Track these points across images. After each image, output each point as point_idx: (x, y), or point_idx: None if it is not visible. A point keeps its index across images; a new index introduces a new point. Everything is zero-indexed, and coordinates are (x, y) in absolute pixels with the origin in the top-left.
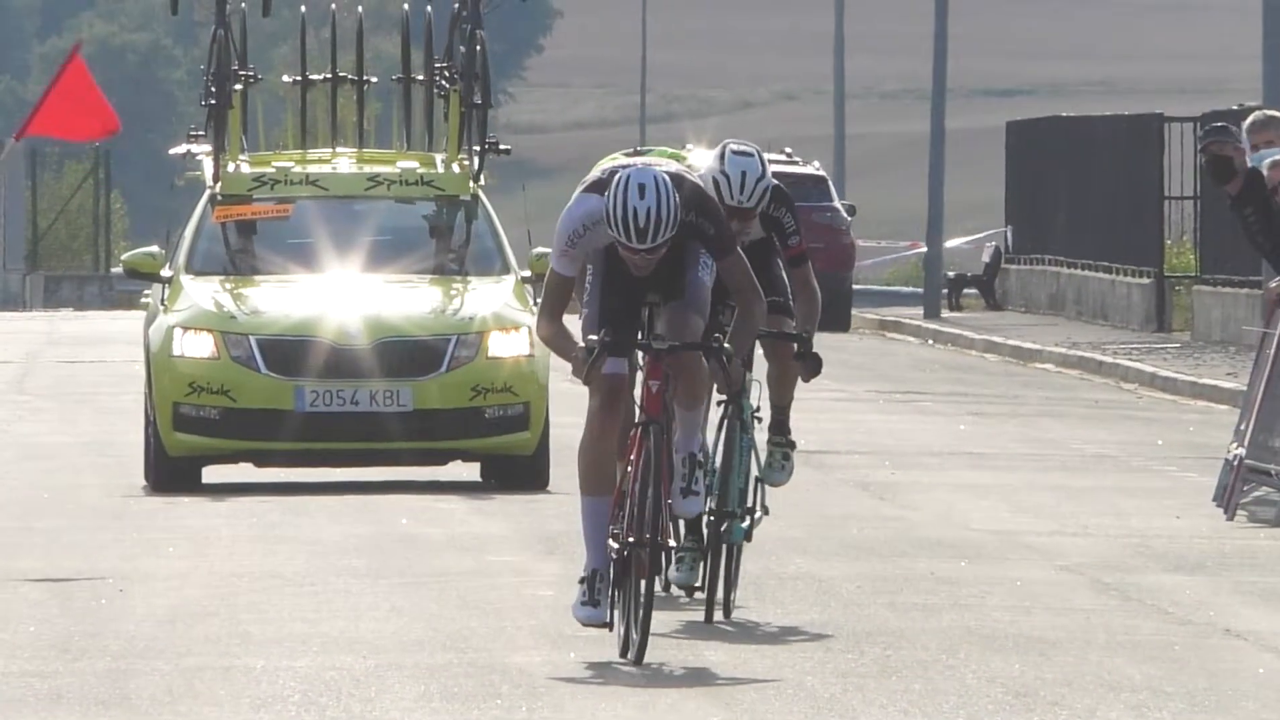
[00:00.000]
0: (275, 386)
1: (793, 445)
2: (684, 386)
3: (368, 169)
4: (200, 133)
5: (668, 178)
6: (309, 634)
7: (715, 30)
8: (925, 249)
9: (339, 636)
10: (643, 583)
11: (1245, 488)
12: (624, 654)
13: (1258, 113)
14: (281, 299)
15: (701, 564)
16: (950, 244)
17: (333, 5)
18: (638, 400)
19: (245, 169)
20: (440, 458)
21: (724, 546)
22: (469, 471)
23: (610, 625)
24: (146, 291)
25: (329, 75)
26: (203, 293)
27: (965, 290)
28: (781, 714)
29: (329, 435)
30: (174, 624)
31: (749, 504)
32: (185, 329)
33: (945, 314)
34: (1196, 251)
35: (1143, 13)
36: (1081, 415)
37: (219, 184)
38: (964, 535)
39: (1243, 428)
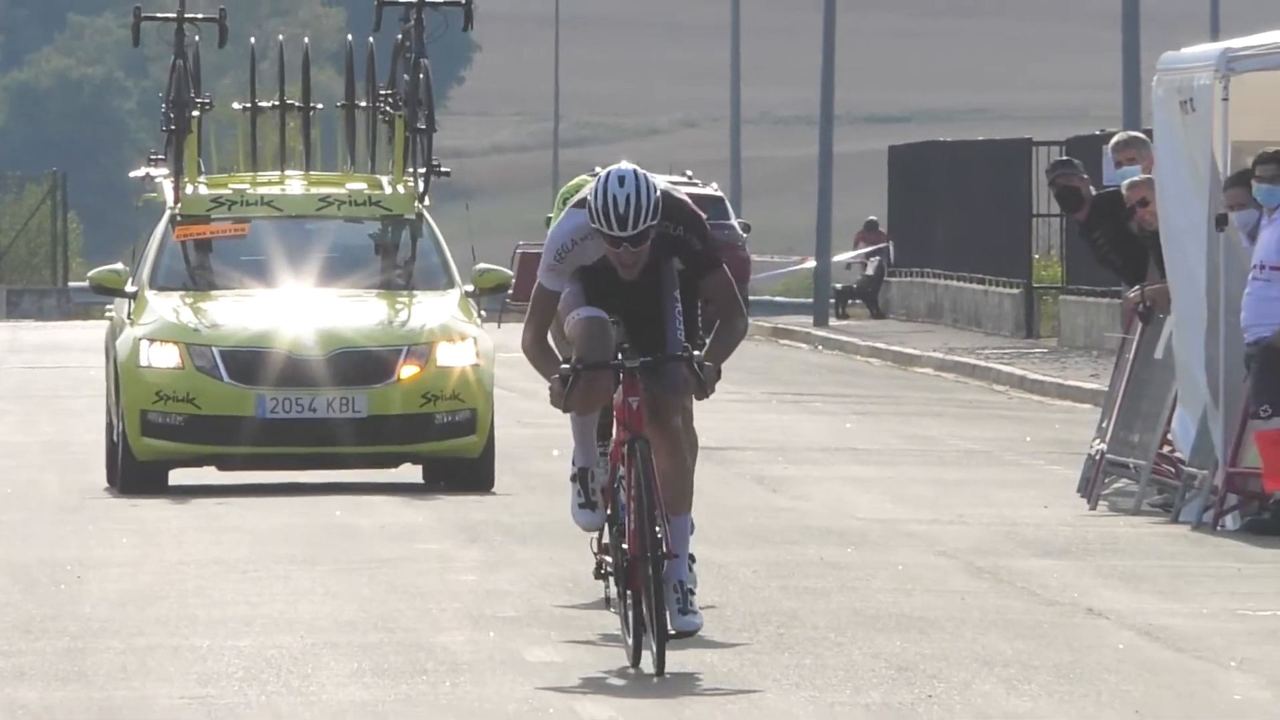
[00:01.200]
0: (237, 394)
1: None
2: (663, 478)
3: (319, 190)
4: (160, 156)
5: (647, 174)
6: (251, 616)
7: (623, 61)
8: (814, 263)
9: (278, 618)
10: (650, 594)
11: (1106, 480)
12: (634, 664)
13: (1120, 134)
14: (241, 312)
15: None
16: (838, 258)
17: (279, 36)
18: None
19: (203, 190)
20: (392, 461)
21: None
22: (413, 474)
23: (603, 528)
24: (109, 306)
25: (277, 102)
26: (166, 307)
27: (851, 300)
28: (682, 686)
29: (288, 440)
30: (126, 607)
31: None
32: (151, 340)
33: (833, 322)
34: (1062, 264)
35: (1014, 46)
36: (957, 414)
37: (179, 205)
38: (850, 524)
39: (1104, 425)
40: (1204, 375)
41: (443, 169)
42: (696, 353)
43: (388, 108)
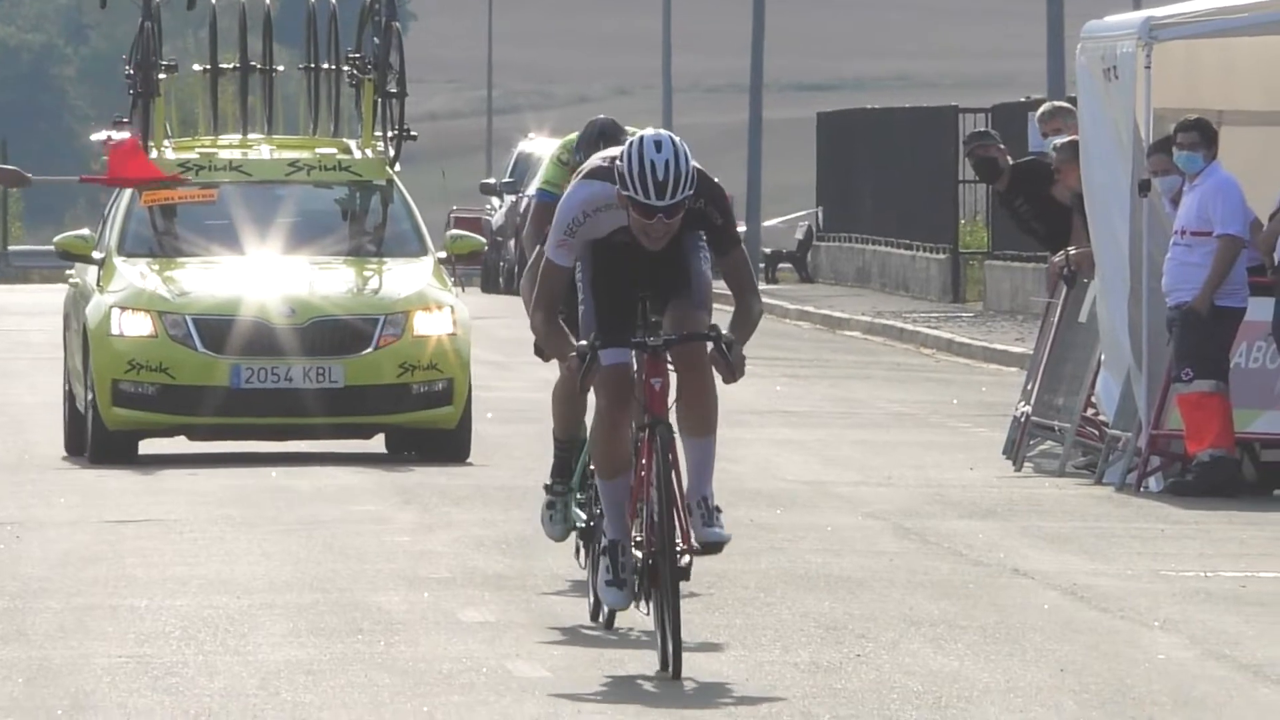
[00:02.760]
0: (211, 364)
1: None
2: (690, 400)
3: (287, 155)
4: (125, 120)
5: (682, 140)
6: (188, 576)
7: (555, 30)
8: (745, 228)
9: (215, 578)
10: (668, 595)
11: (1031, 442)
12: (664, 667)
13: (1047, 104)
14: (214, 280)
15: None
16: (767, 223)
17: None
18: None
19: (170, 154)
20: (368, 431)
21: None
22: (377, 443)
23: (636, 605)
24: (70, 271)
25: (238, 65)
26: (136, 273)
27: (781, 265)
28: (614, 645)
29: (263, 410)
30: (65, 567)
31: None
32: (123, 309)
33: (763, 286)
34: (988, 230)
35: (940, 15)
36: (885, 377)
37: None
38: (780, 486)
39: (1029, 388)
40: (1127, 339)
41: (411, 133)
42: (728, 335)
43: (355, 71)
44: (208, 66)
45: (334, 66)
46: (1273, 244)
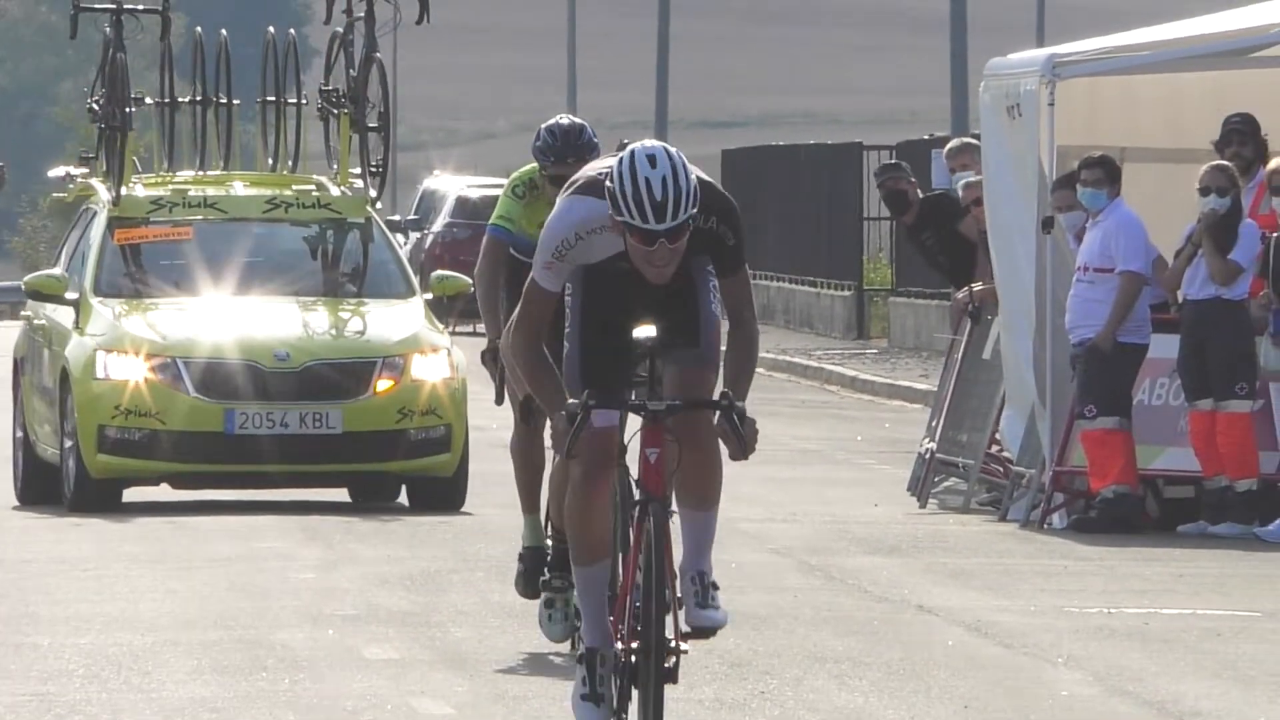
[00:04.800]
0: (205, 409)
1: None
2: (691, 471)
3: (263, 191)
4: (90, 155)
5: (679, 152)
6: (92, 614)
7: (460, 66)
8: None
9: (119, 616)
10: (651, 698)
11: (936, 479)
12: None
13: (955, 140)
14: (200, 322)
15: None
16: None
17: (197, 29)
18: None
19: (141, 191)
20: (366, 480)
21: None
22: (338, 493)
23: None
24: (25, 310)
25: (196, 98)
26: (118, 315)
27: None
28: (519, 683)
29: (258, 458)
30: None
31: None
32: (108, 351)
33: None
34: (892, 267)
35: (846, 52)
36: (790, 414)
37: (117, 207)
38: None
39: (934, 424)
40: (1031, 375)
41: (378, 169)
42: (740, 402)
43: (327, 105)
44: (165, 100)
45: (296, 100)
46: (1177, 281)
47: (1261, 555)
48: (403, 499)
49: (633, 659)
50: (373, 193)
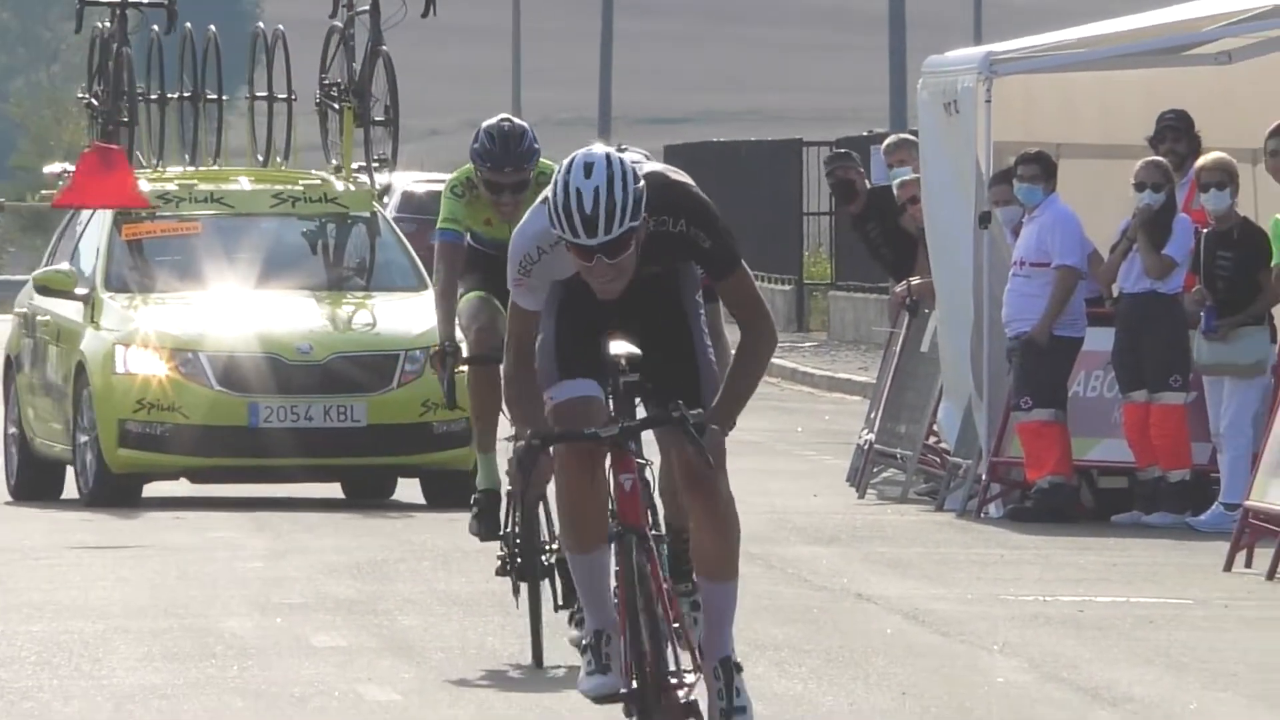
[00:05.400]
0: (228, 403)
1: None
2: (703, 524)
3: (271, 186)
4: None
5: (623, 158)
6: (44, 602)
7: (404, 64)
8: None
9: (71, 604)
10: None
11: (875, 469)
12: None
13: (893, 136)
14: (218, 316)
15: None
16: None
17: (187, 24)
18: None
19: (147, 186)
20: (389, 474)
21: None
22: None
23: (625, 696)
24: (20, 309)
25: (185, 94)
26: (133, 309)
27: None
28: (463, 668)
29: (282, 451)
30: None
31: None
32: (127, 345)
33: None
34: (831, 261)
35: (785, 50)
36: None
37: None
38: None
39: (872, 416)
40: (968, 368)
41: (385, 162)
42: (694, 410)
43: (327, 99)
44: (155, 96)
45: (286, 96)
46: (1112, 275)
47: (1194, 544)
48: (400, 495)
49: (639, 696)
50: (379, 186)
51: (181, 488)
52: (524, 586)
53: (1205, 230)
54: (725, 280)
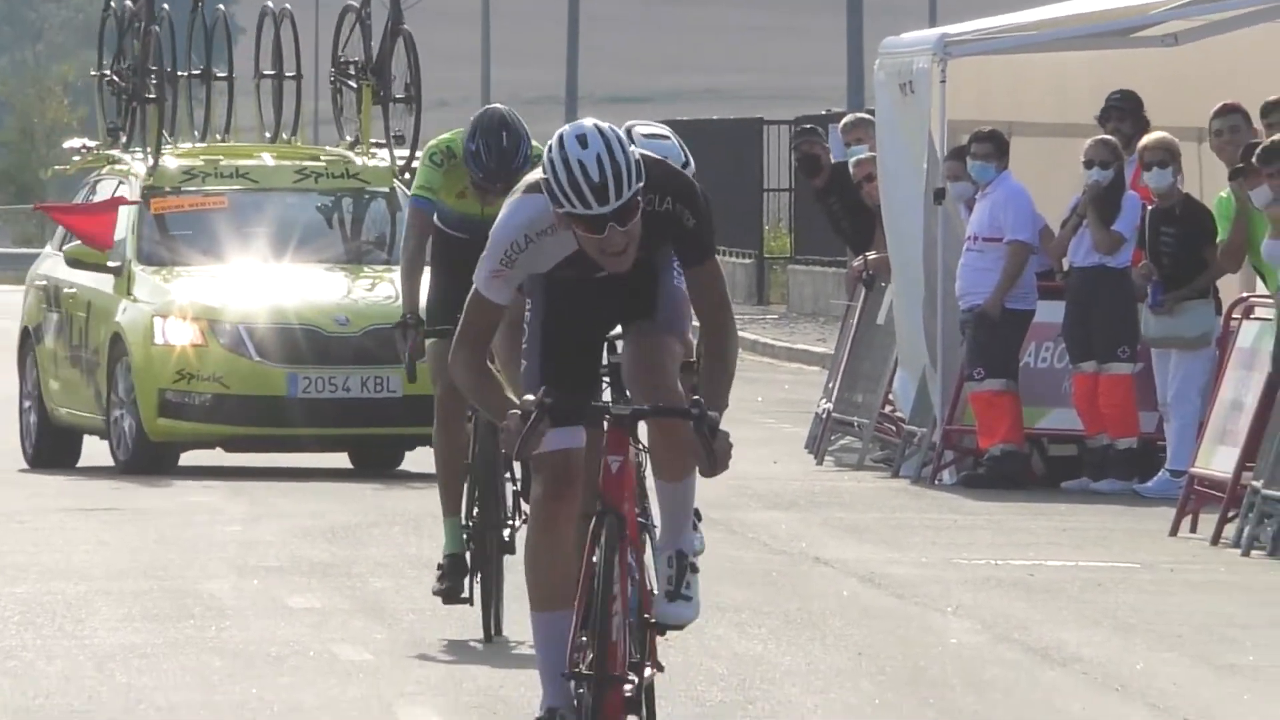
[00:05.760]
0: (267, 373)
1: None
2: (664, 446)
3: (294, 162)
4: (118, 127)
5: (612, 127)
6: (28, 564)
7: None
8: None
9: (54, 566)
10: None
11: (832, 437)
12: None
13: (850, 115)
14: (255, 288)
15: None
16: None
17: (199, 2)
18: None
19: (173, 162)
20: (426, 443)
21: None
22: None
23: (569, 677)
24: (39, 281)
25: (195, 72)
26: (167, 281)
27: None
28: (434, 630)
29: (319, 421)
30: None
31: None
32: (165, 316)
33: None
34: (791, 236)
35: (745, 32)
36: None
37: (151, 177)
38: None
39: (830, 386)
40: (923, 340)
41: (398, 139)
42: (712, 412)
43: (342, 78)
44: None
45: (295, 74)
46: (1063, 250)
47: (1141, 510)
48: (406, 465)
49: (590, 687)
50: (399, 163)
51: (213, 457)
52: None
53: (1150, 207)
54: (699, 265)
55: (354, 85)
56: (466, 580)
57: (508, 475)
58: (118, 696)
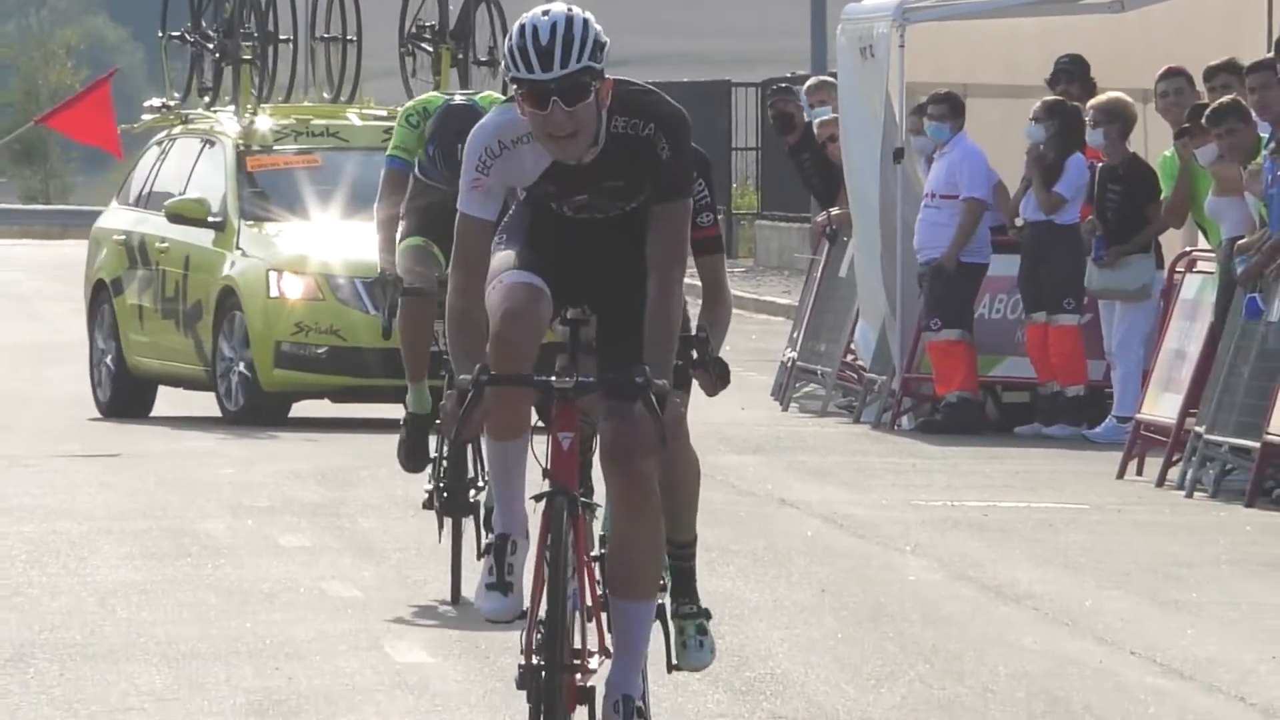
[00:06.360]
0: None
1: (707, 615)
2: (628, 547)
3: (382, 122)
4: (210, 87)
5: (589, 13)
6: (33, 505)
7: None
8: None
9: (58, 507)
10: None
11: (797, 385)
12: None
13: (814, 78)
14: (357, 243)
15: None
16: None
17: None
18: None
19: (265, 122)
20: None
21: None
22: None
23: (522, 671)
24: (116, 236)
25: (255, 34)
26: (273, 237)
27: None
28: (419, 568)
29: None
30: None
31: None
32: (279, 271)
33: None
34: (758, 193)
35: None
36: None
37: (244, 135)
38: None
39: (795, 336)
40: (882, 292)
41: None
42: (660, 380)
43: (417, 43)
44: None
45: (355, 38)
46: (1016, 208)
47: (1090, 454)
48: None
49: (541, 675)
50: None
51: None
52: (448, 523)
53: (1100, 165)
54: (667, 203)
55: (429, 49)
56: (430, 444)
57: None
58: (119, 630)
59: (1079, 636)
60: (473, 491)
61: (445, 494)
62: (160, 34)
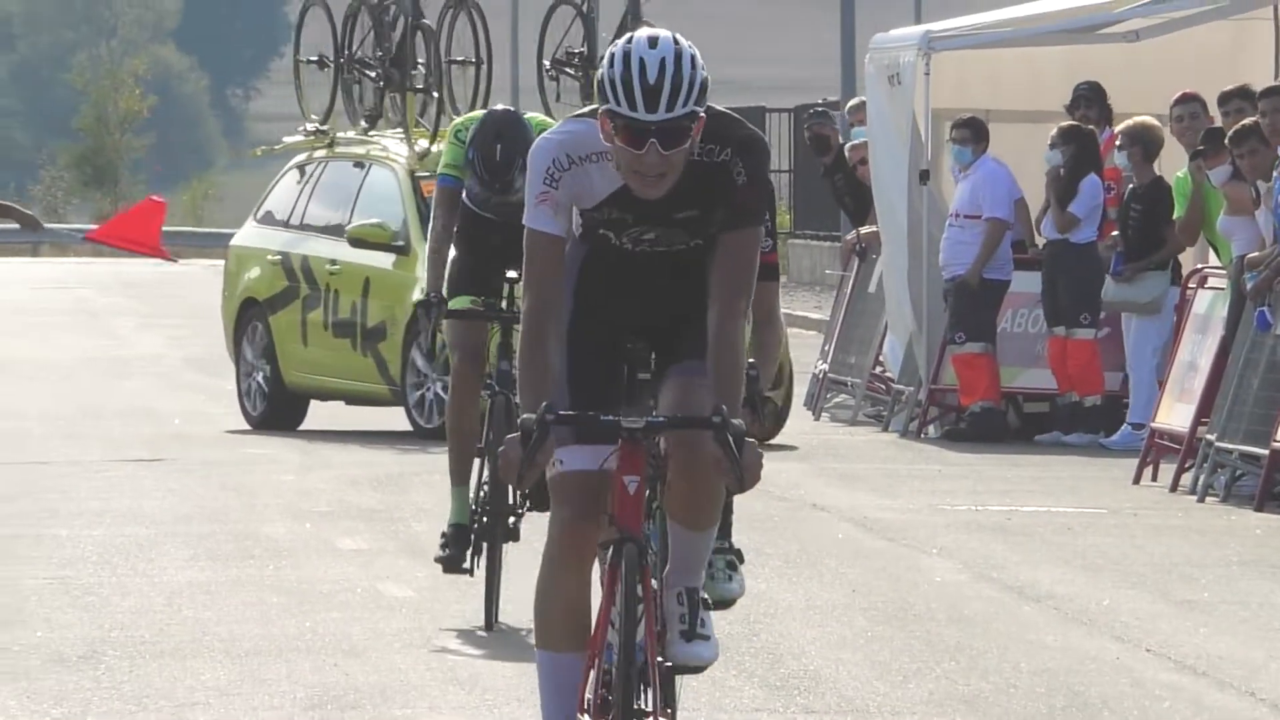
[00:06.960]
0: None
1: (739, 556)
2: (684, 487)
3: None
4: (374, 114)
5: (692, 45)
6: (103, 510)
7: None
8: None
9: (126, 512)
10: None
11: (828, 395)
12: None
13: (855, 99)
14: None
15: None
16: None
17: None
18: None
19: (425, 144)
20: None
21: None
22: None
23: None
24: (272, 256)
25: (327, 58)
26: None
27: None
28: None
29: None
30: None
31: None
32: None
33: None
34: (790, 213)
35: (748, 28)
36: None
37: (415, 161)
38: None
39: (826, 349)
40: (909, 307)
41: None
42: (736, 420)
43: (559, 69)
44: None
45: (483, 60)
46: (1038, 227)
47: (1107, 460)
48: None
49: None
50: None
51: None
52: (485, 547)
53: (1131, 186)
54: (737, 230)
55: (574, 75)
56: (469, 553)
57: None
58: (185, 629)
59: (1097, 635)
60: (512, 519)
61: (484, 519)
62: (296, 57)
